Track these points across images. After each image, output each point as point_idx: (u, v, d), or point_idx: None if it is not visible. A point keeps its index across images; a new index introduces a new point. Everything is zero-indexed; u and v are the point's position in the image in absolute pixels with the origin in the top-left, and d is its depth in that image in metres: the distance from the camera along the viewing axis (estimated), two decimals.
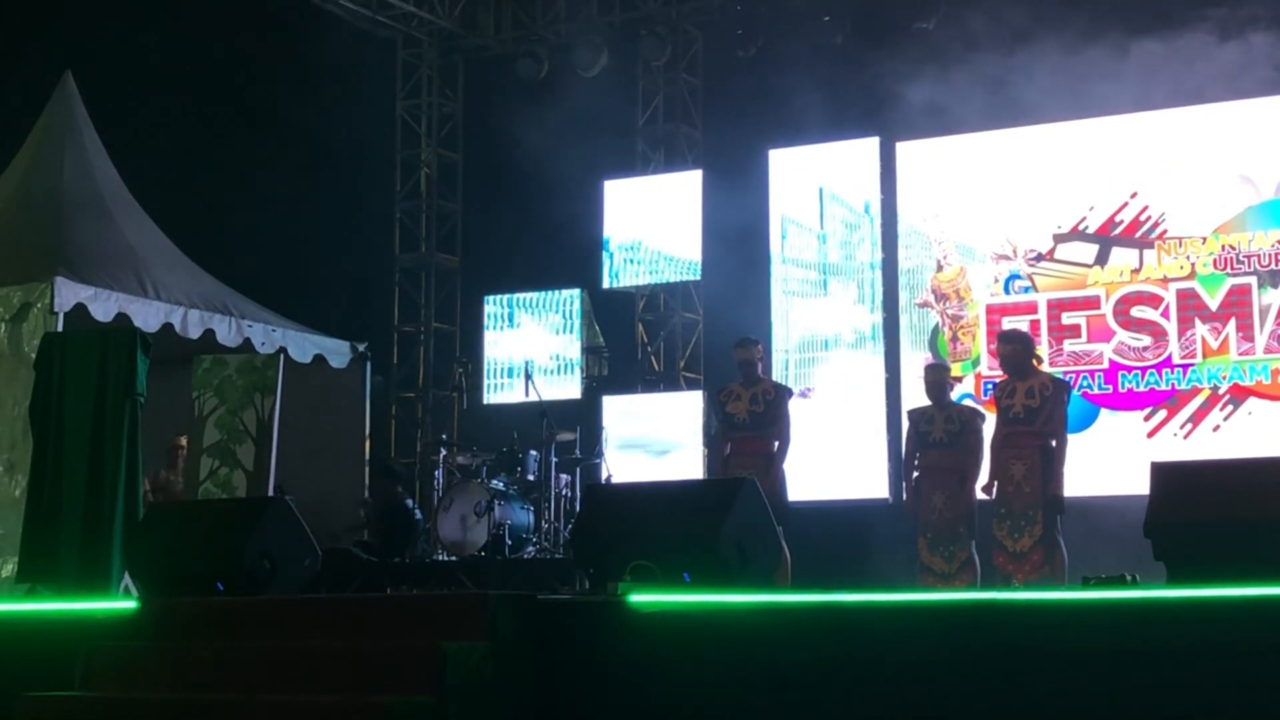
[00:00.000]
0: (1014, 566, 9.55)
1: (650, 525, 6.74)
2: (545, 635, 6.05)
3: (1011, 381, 9.85)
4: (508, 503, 12.19)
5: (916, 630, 5.56)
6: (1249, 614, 5.14)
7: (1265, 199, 12.62)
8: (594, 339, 15.30)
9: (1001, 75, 12.44)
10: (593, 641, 5.99)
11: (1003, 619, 5.55)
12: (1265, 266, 12.52)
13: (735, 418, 10.15)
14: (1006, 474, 9.64)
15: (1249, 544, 5.82)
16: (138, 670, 6.51)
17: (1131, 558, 6.71)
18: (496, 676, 5.90)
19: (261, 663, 6.28)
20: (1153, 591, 5.54)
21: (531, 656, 6.02)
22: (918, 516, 10.06)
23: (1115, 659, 5.22)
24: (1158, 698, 5.15)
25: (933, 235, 13.69)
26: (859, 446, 13.53)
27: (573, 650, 6.02)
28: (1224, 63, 11.82)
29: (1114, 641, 5.27)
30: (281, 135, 14.99)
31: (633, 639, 5.91)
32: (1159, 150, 12.99)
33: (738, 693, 5.69)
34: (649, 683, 5.84)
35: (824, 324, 14.02)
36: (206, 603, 7.08)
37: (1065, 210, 13.20)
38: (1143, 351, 12.80)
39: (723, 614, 5.92)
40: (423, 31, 16.70)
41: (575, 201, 14.92)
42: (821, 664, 5.61)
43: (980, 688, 5.37)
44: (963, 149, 13.75)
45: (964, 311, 13.51)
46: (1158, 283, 12.84)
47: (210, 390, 11.90)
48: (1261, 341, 12.44)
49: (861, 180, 14.03)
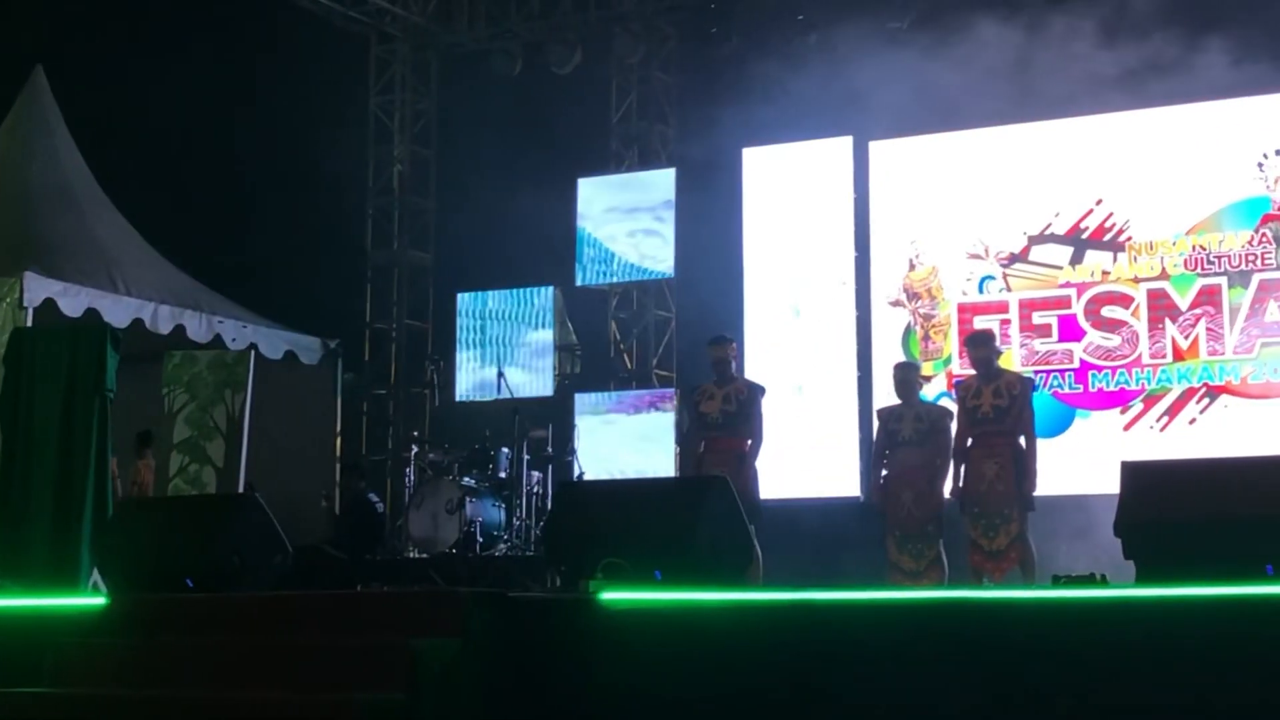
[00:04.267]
0: (991, 565, 9.58)
1: (622, 523, 6.74)
2: (517, 633, 6.04)
3: (977, 382, 9.87)
4: (479, 500, 12.18)
5: (888, 628, 5.58)
6: (1217, 613, 5.16)
7: (1235, 200, 12.68)
8: (566, 336, 15.29)
9: (974, 77, 12.46)
10: (564, 639, 5.99)
11: (972, 617, 5.57)
12: (1235, 267, 12.58)
13: (708, 416, 10.14)
14: (978, 473, 9.66)
15: (1218, 543, 5.85)
16: (106, 667, 6.48)
17: (1101, 556, 6.73)
18: (468, 674, 5.88)
19: (231, 660, 6.26)
20: (1122, 590, 5.56)
21: (503, 654, 6.01)
22: (887, 515, 10.07)
23: (1085, 657, 5.24)
24: (1128, 695, 5.17)
25: (905, 235, 13.71)
26: (831, 445, 13.55)
27: (544, 648, 6.01)
28: (1191, 66, 11.87)
29: (1084, 640, 5.29)
30: (253, 131, 14.93)
31: (604, 637, 5.90)
32: (1129, 153, 13.03)
33: (709, 690, 5.70)
34: (621, 680, 5.84)
35: (796, 321, 14.02)
36: (176, 600, 7.05)
37: (1035, 212, 13.24)
38: (1113, 351, 12.85)
39: (694, 612, 5.92)
40: (396, 28, 16.67)
41: (549, 199, 14.89)
42: (792, 662, 5.62)
43: (950, 685, 5.38)
44: (935, 149, 13.78)
45: (935, 311, 13.54)
46: (1128, 283, 12.89)
47: (180, 386, 11.87)
48: (1231, 342, 12.50)
49: (835, 179, 14.05)
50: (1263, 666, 5.02)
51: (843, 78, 12.79)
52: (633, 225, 14.96)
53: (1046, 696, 5.27)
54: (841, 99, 13.11)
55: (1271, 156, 12.49)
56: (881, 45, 13.16)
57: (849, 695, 5.52)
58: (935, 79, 12.49)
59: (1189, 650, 5.12)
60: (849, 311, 13.84)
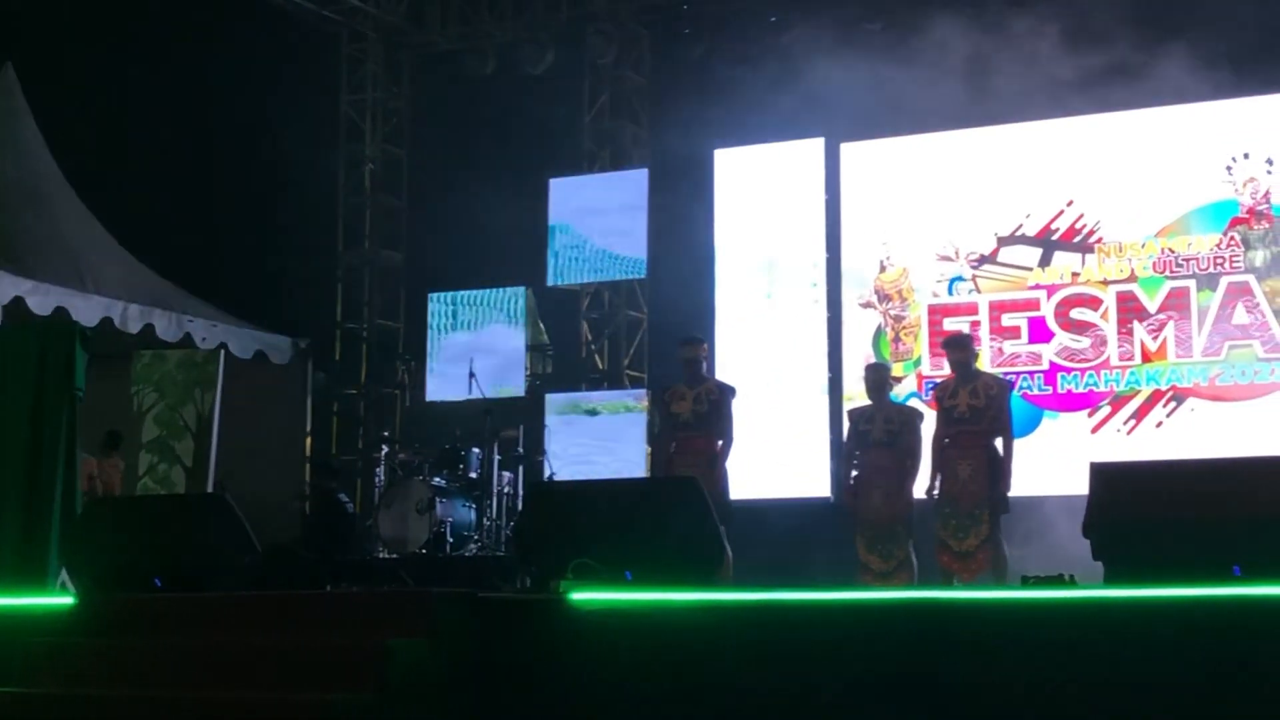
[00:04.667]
0: (960, 565, 9.60)
1: (593, 523, 6.75)
2: (487, 633, 6.04)
3: (954, 383, 9.90)
4: (450, 500, 12.16)
5: (857, 628, 5.59)
6: (1185, 613, 5.19)
7: (1204, 203, 12.74)
8: (538, 337, 15.29)
9: (946, 79, 12.50)
10: (535, 639, 5.99)
11: (941, 617, 5.59)
12: (1204, 270, 12.65)
13: (679, 417, 10.15)
14: (952, 474, 9.69)
15: (1186, 544, 5.88)
16: (75, 666, 6.46)
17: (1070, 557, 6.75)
18: (438, 674, 5.89)
19: (201, 660, 6.24)
20: (1090, 591, 5.59)
21: (473, 654, 6.01)
22: (857, 515, 10.09)
23: (1053, 657, 5.27)
24: (1095, 695, 5.20)
25: (876, 236, 13.74)
26: (801, 445, 13.57)
27: (515, 648, 6.01)
28: (1160, 71, 11.93)
29: (1052, 640, 5.31)
30: (224, 129, 14.88)
31: (575, 637, 5.91)
32: (1099, 156, 13.09)
33: (679, 690, 5.70)
34: (591, 680, 5.85)
35: (768, 323, 14.05)
36: (144, 600, 7.03)
37: (1005, 214, 13.29)
38: (1082, 353, 12.90)
39: (665, 612, 5.93)
40: (368, 26, 16.63)
41: (521, 199, 14.88)
42: (762, 661, 5.63)
43: (918, 685, 5.40)
44: (906, 151, 13.81)
45: (906, 312, 13.57)
46: (1097, 285, 12.95)
47: (150, 386, 11.83)
48: (1199, 344, 12.56)
49: (806, 180, 14.08)
50: (1230, 667, 5.05)
51: (814, 79, 12.81)
52: (604, 226, 14.95)
53: (1015, 696, 5.29)
54: (813, 100, 13.14)
55: (1240, 160, 12.56)
56: (854, 47, 13.18)
57: (818, 695, 5.53)
58: (907, 81, 12.52)
59: (1157, 651, 5.14)
60: (820, 313, 13.87)
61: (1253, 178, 12.53)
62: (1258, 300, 12.44)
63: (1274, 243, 12.47)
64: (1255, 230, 12.55)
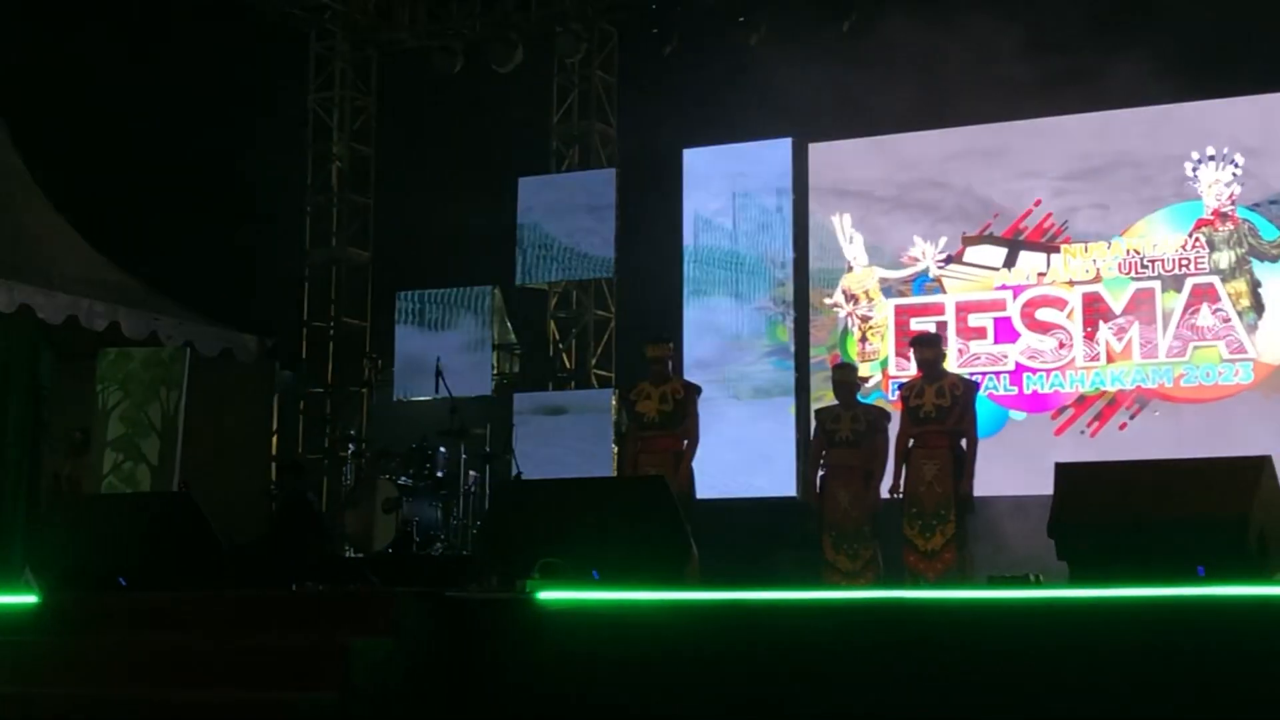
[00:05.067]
0: (925, 565, 9.61)
1: (560, 523, 6.74)
2: (453, 632, 6.03)
3: (920, 382, 9.92)
4: (416, 499, 12.13)
5: (823, 628, 5.60)
6: (1149, 613, 5.21)
7: (1169, 204, 12.81)
8: (505, 336, 15.27)
9: (914, 79, 12.54)
10: (501, 639, 5.99)
11: (908, 617, 5.60)
12: (1169, 271, 12.71)
13: (645, 416, 10.14)
14: (918, 473, 9.70)
15: (1150, 544, 5.90)
16: (38, 665, 6.43)
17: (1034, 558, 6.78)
18: (403, 674, 5.87)
19: (164, 659, 6.22)
20: (1055, 592, 5.60)
21: (439, 654, 5.99)
22: (823, 515, 10.11)
23: (1018, 657, 5.28)
24: (1060, 695, 5.21)
25: (843, 236, 13.77)
26: (768, 445, 13.59)
27: (480, 647, 6.01)
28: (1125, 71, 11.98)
29: (1017, 640, 5.33)
30: (190, 126, 14.81)
31: (541, 636, 5.91)
32: (1066, 156, 13.14)
33: (645, 690, 5.70)
34: (557, 680, 5.84)
35: (735, 323, 14.07)
36: (109, 598, 7.00)
37: (973, 214, 13.34)
38: (1048, 354, 12.95)
39: (631, 611, 5.93)
40: (335, 24, 16.57)
41: (489, 198, 14.86)
42: (728, 661, 5.63)
43: (885, 684, 5.41)
44: (875, 151, 13.84)
45: (873, 312, 13.61)
46: (1063, 286, 13.00)
47: (115, 384, 11.72)
48: (1164, 345, 12.63)
49: (774, 180, 14.10)
50: (1194, 667, 5.07)
51: (783, 79, 12.83)
52: (572, 225, 14.94)
53: (979, 696, 5.30)
54: (781, 101, 13.16)
55: (1205, 162, 12.63)
56: (822, 48, 13.22)
57: (784, 695, 5.54)
58: (874, 82, 12.55)
59: (1121, 651, 5.16)
60: (787, 312, 13.90)
61: (1218, 179, 12.60)
62: (1222, 302, 12.51)
63: (1238, 244, 12.55)
64: (1220, 232, 12.62)
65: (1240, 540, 5.76)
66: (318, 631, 6.17)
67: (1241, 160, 12.56)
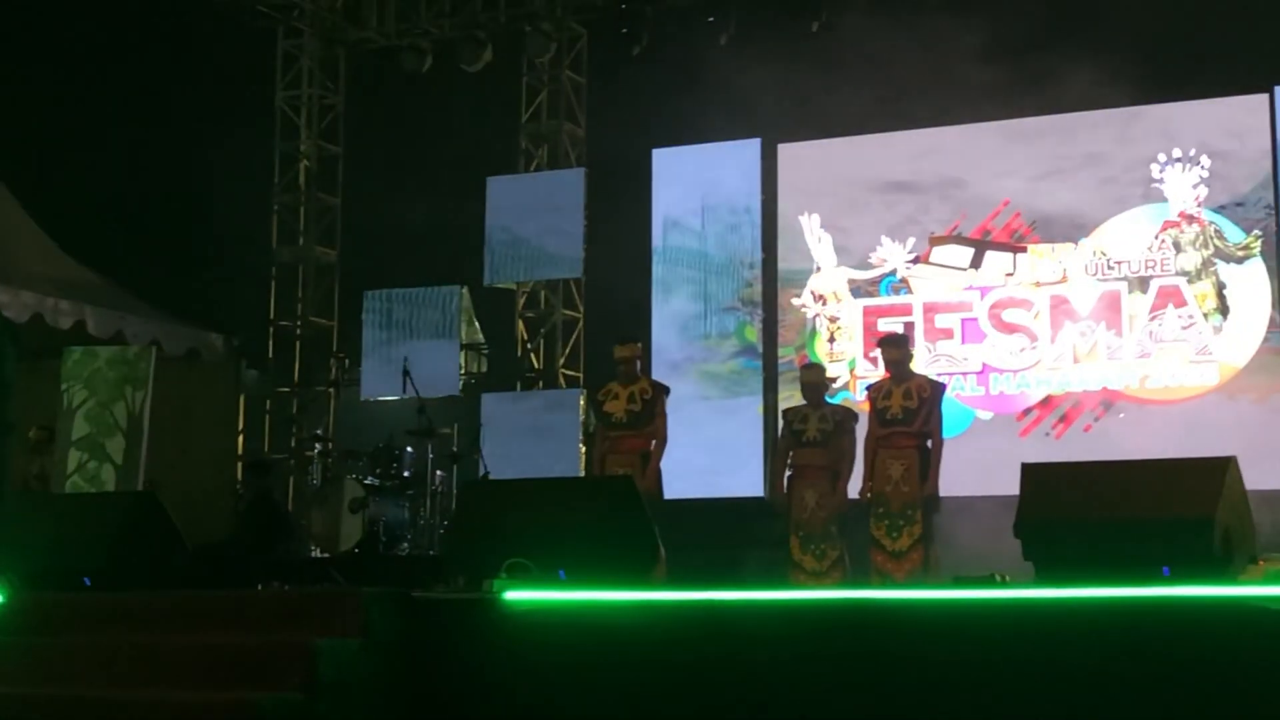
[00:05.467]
0: (893, 565, 9.63)
1: (527, 522, 6.74)
2: (419, 632, 6.02)
3: (888, 383, 9.94)
4: (383, 499, 12.09)
5: (791, 627, 5.61)
6: (1114, 613, 5.23)
7: (1136, 206, 12.87)
8: (473, 335, 15.24)
9: (882, 80, 12.56)
10: (467, 639, 5.98)
11: (874, 617, 5.61)
12: (1135, 273, 12.77)
13: (613, 416, 10.14)
14: (884, 474, 9.71)
15: (1116, 544, 5.93)
16: (2, 665, 6.38)
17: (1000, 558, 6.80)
18: (369, 674, 5.86)
19: (130, 659, 6.19)
20: (1021, 592, 5.62)
21: (405, 654, 5.98)
22: (790, 515, 10.12)
23: (984, 657, 5.30)
24: (1026, 694, 5.23)
25: (812, 237, 13.79)
26: (736, 445, 13.60)
27: (447, 647, 6.00)
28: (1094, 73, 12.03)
29: (984, 640, 5.34)
30: (157, 123, 14.75)
31: (508, 636, 5.90)
32: (1033, 158, 13.19)
33: (613, 690, 5.70)
34: (524, 680, 5.83)
35: (703, 323, 14.07)
36: (73, 598, 6.96)
37: (941, 215, 13.38)
38: (1014, 355, 13.00)
39: (599, 611, 5.92)
40: (304, 22, 16.51)
41: (457, 198, 14.83)
42: (696, 661, 5.63)
43: (852, 684, 5.42)
44: (843, 152, 13.87)
45: (840, 313, 13.63)
46: (1030, 287, 13.05)
47: (80, 382, 11.67)
48: (1130, 347, 12.68)
49: (743, 181, 14.11)
50: (1159, 667, 5.09)
51: (752, 80, 12.85)
52: (541, 225, 14.92)
53: (946, 695, 5.32)
54: (750, 101, 13.17)
55: (1172, 164, 12.69)
56: (791, 49, 13.24)
57: (751, 695, 5.55)
58: (843, 83, 12.58)
59: (1087, 651, 5.18)
60: (755, 313, 13.91)
61: (1184, 182, 12.65)
62: (1188, 304, 12.58)
63: (1205, 246, 12.61)
64: (1186, 234, 12.68)
65: (1205, 541, 5.79)
66: (284, 632, 6.15)
67: (1208, 163, 12.63)
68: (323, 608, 6.24)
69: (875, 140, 13.70)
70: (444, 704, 5.95)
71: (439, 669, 5.98)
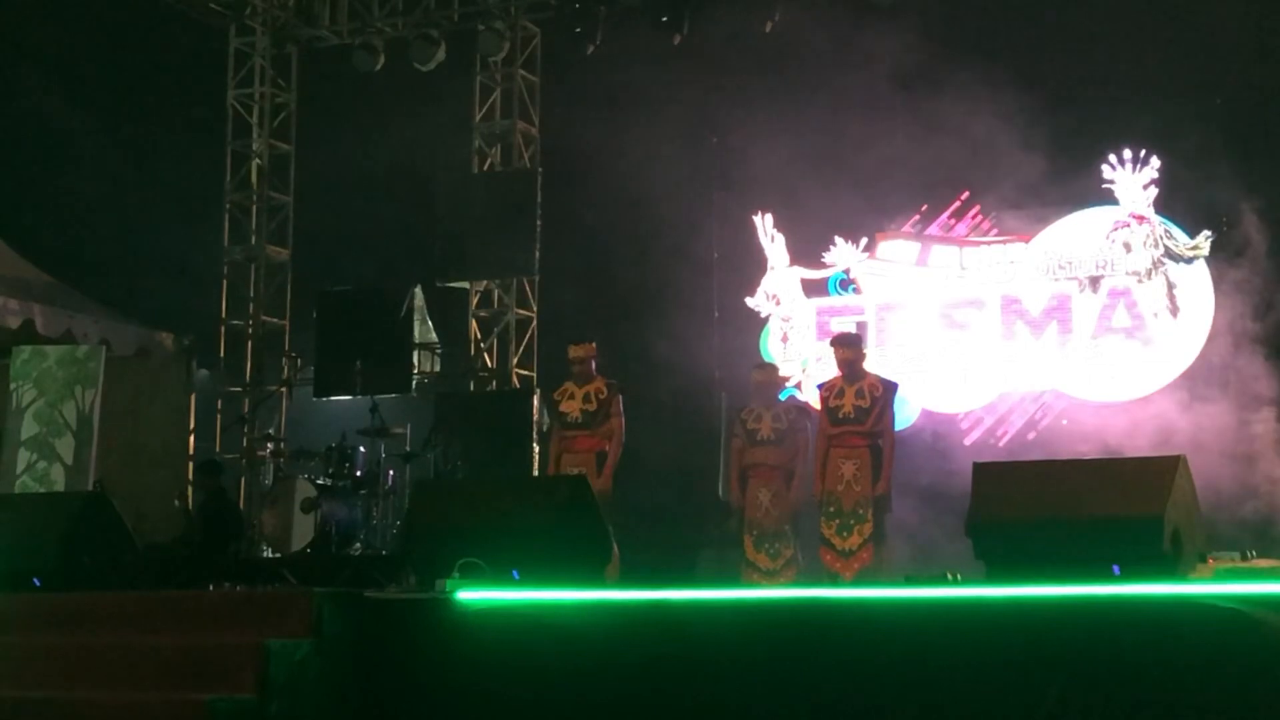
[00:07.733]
0: (842, 564, 9.65)
1: (481, 522, 6.73)
2: (371, 632, 6.01)
3: (841, 383, 9.96)
4: (335, 499, 12.05)
5: (744, 626, 5.62)
6: (1065, 611, 5.27)
7: (1088, 206, 12.94)
8: (426, 334, 15.19)
9: (837, 77, 12.59)
10: (420, 639, 5.97)
11: (827, 616, 5.63)
12: (1086, 272, 12.84)
13: (568, 416, 10.14)
14: (836, 473, 9.74)
15: (1066, 543, 5.96)
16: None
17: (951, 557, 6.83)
18: (321, 673, 5.84)
19: (80, 659, 6.15)
20: (972, 590, 5.65)
21: (357, 654, 5.97)
22: (744, 514, 10.13)
23: (936, 655, 5.32)
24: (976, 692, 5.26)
25: (764, 236, 13.81)
26: (689, 444, 13.60)
27: (399, 647, 5.98)
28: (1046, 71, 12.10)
29: (935, 637, 5.37)
30: (107, 121, 14.66)
31: (460, 636, 5.89)
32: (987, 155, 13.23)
33: (566, 689, 5.70)
34: (477, 679, 5.83)
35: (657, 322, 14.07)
36: (23, 599, 6.91)
37: (894, 211, 13.42)
38: (965, 354, 13.05)
39: (552, 611, 5.92)
40: (256, 20, 16.42)
41: (411, 196, 14.80)
42: (649, 660, 5.64)
43: (804, 682, 5.44)
44: (798, 150, 13.88)
45: (793, 313, 13.66)
46: (981, 286, 13.11)
47: (29, 382, 11.58)
48: (1080, 346, 12.75)
49: (696, 179, 14.11)
50: (1109, 664, 5.13)
51: (705, 78, 12.86)
52: (495, 224, 14.89)
53: (897, 693, 5.34)
54: (703, 99, 13.19)
55: (1124, 164, 12.74)
56: (745, 48, 13.26)
57: (704, 692, 5.55)
58: (795, 78, 12.61)
59: (1037, 648, 5.21)
60: (709, 313, 13.92)
61: (1135, 182, 12.71)
62: (1138, 303, 12.65)
63: (1155, 246, 12.69)
64: (1136, 234, 12.76)
65: (1155, 539, 5.82)
66: (235, 632, 6.12)
67: (1158, 163, 12.70)
68: (274, 608, 6.21)
69: (831, 137, 13.70)
70: (396, 703, 5.94)
71: (392, 669, 5.97)
